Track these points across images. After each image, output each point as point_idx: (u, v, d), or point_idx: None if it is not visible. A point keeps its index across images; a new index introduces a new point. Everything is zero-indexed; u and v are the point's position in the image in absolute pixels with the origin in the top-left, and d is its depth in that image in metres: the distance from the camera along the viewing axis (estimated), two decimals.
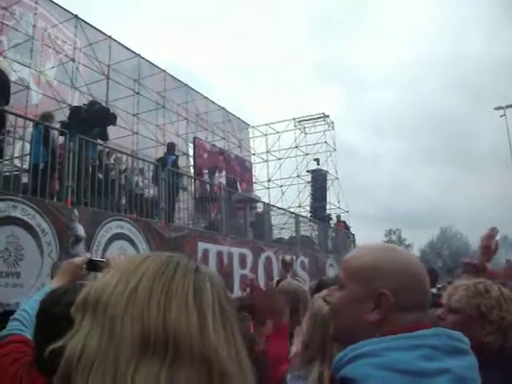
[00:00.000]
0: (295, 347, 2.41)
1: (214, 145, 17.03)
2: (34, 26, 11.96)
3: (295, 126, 22.62)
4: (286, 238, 15.24)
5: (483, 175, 78.82)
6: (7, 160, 7.39)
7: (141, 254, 0.86)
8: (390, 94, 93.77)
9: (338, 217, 19.75)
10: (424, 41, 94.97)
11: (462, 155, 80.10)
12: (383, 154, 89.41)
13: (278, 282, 3.47)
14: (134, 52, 15.17)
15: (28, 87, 11.63)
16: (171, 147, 11.40)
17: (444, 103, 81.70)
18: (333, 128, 22.34)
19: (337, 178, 21.46)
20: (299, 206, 21.06)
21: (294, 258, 12.94)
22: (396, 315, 1.12)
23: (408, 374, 0.99)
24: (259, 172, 22.57)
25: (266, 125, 22.72)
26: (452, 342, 1.06)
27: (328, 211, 20.59)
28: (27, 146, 7.47)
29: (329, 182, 21.31)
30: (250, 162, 20.65)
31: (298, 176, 21.89)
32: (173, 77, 16.86)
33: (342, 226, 19.14)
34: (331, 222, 19.30)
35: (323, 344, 1.98)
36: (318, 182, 20.97)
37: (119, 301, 0.73)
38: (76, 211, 6.93)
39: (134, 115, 14.87)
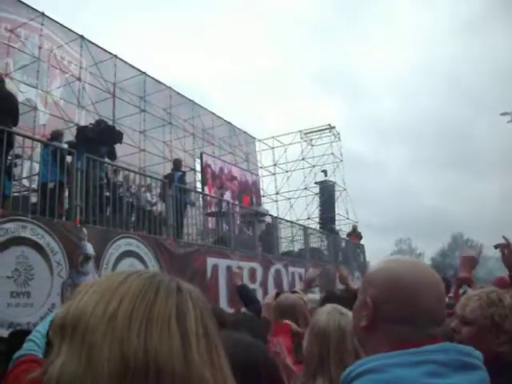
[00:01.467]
0: None
1: (222, 160, 17.09)
2: (40, 48, 12.11)
3: (301, 138, 22.66)
4: (296, 250, 15.18)
5: (492, 181, 78.33)
6: (16, 180, 7.44)
7: (121, 272, 0.82)
8: (391, 102, 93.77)
9: (355, 227, 19.57)
10: (424, 47, 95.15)
11: (469, 161, 79.71)
12: (389, 162, 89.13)
13: (278, 294, 3.44)
14: (139, 70, 15.32)
15: (35, 108, 11.76)
16: (177, 164, 11.42)
17: (448, 110, 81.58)
18: (339, 139, 22.37)
19: (345, 189, 21.44)
20: (308, 218, 21.02)
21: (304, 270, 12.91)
22: (382, 325, 1.13)
23: None
24: (267, 185, 22.64)
25: (273, 138, 22.76)
26: (460, 357, 1.04)
27: (337, 222, 20.54)
28: (35, 166, 7.52)
29: (337, 193, 21.29)
30: (257, 175, 20.69)
31: (305, 188, 21.86)
32: (178, 93, 16.98)
33: (357, 237, 18.88)
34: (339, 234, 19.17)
35: (321, 357, 1.95)
36: (326, 193, 20.94)
37: (98, 327, 0.71)
38: (85, 230, 6.95)
39: (140, 132, 14.96)
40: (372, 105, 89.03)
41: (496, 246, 2.75)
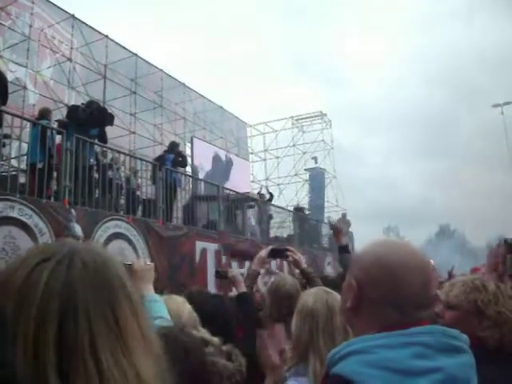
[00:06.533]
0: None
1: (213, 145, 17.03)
2: (31, 26, 11.91)
3: (293, 124, 22.64)
4: (285, 236, 15.23)
5: (481, 172, 78.70)
6: (4, 160, 7.37)
7: None
8: (378, 90, 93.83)
9: (344, 215, 19.62)
10: (407, 34, 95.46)
11: (458, 151, 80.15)
12: (377, 150, 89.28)
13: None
14: (130, 51, 15.11)
15: (25, 87, 11.61)
16: (171, 146, 11.29)
17: (434, 97, 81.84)
18: (330, 126, 22.40)
19: (334, 177, 21.50)
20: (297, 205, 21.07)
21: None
22: (367, 307, 1.12)
23: (397, 372, 0.98)
24: (257, 171, 22.64)
25: (264, 123, 22.73)
26: (447, 339, 1.04)
27: (326, 210, 20.60)
28: (24, 146, 7.46)
29: (327, 181, 21.34)
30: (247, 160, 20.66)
31: (295, 174, 21.91)
32: (170, 76, 16.81)
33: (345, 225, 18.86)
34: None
35: (311, 335, 1.98)
36: (316, 180, 20.99)
37: None
38: (73, 211, 6.92)
39: (131, 115, 14.82)
40: (358, 93, 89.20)
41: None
